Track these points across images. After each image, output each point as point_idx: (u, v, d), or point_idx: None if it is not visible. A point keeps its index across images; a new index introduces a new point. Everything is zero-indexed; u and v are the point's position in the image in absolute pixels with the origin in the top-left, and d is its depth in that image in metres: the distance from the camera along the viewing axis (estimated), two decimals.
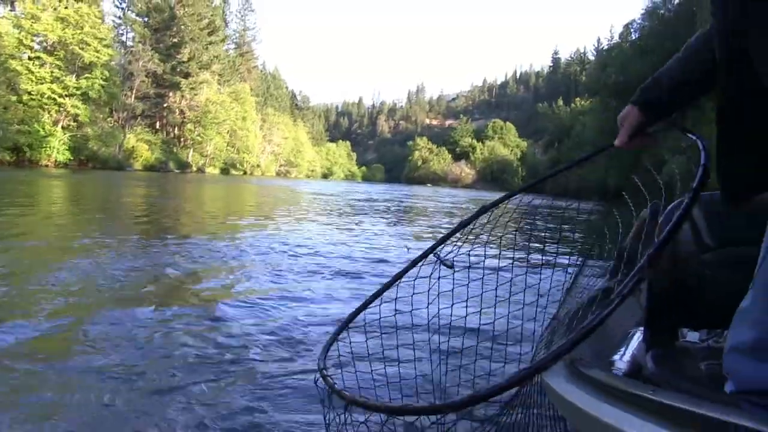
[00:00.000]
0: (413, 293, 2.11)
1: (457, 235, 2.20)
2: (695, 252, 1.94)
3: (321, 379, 1.68)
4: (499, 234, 2.14)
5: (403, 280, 2.19)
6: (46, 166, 42.29)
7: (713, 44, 1.17)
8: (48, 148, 43.60)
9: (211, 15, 77.80)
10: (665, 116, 1.52)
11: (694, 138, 1.41)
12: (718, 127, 1.16)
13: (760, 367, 1.01)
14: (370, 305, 2.17)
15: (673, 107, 1.49)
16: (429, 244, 2.15)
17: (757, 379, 1.01)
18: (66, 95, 45.83)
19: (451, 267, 2.00)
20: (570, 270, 2.69)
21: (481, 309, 1.99)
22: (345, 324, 2.10)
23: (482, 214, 2.16)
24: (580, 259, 2.64)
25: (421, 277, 2.07)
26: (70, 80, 46.31)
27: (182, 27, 71.38)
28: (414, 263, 2.16)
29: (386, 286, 2.18)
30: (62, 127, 45.90)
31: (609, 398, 0.93)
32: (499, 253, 2.11)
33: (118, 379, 2.72)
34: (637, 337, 2.17)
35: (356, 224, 13.14)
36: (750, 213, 1.19)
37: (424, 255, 2.14)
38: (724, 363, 1.13)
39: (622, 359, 1.88)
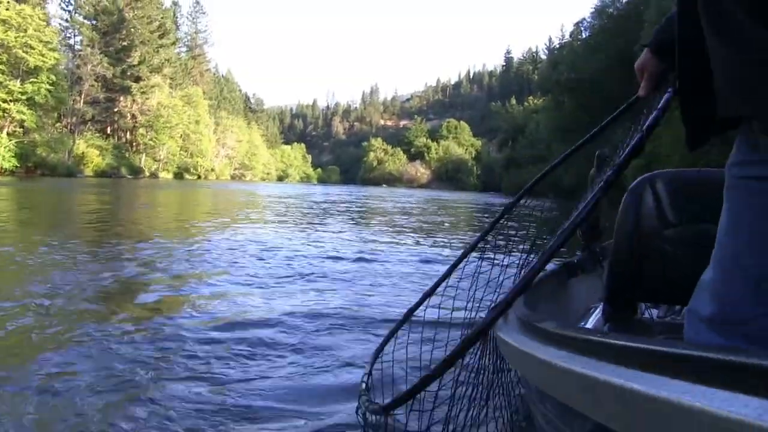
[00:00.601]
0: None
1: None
2: (658, 228, 2.00)
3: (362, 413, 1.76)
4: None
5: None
6: None
7: None
8: None
9: (162, 17, 76.44)
10: None
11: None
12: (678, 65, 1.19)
13: (718, 341, 1.04)
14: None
15: None
16: (397, 239, 2.27)
17: None
18: (10, 100, 44.34)
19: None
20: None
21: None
22: (380, 347, 2.25)
23: (505, 215, 2.22)
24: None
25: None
26: (15, 85, 44.85)
27: (132, 30, 69.91)
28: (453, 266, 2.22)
29: (419, 302, 2.28)
30: (7, 134, 44.44)
31: (559, 344, 0.93)
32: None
33: (66, 390, 2.61)
34: (598, 312, 2.24)
35: (322, 227, 13.20)
36: (711, 190, 1.23)
37: (457, 264, 2.21)
38: (684, 332, 1.16)
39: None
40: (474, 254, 2.26)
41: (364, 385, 2.13)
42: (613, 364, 0.72)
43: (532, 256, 2.03)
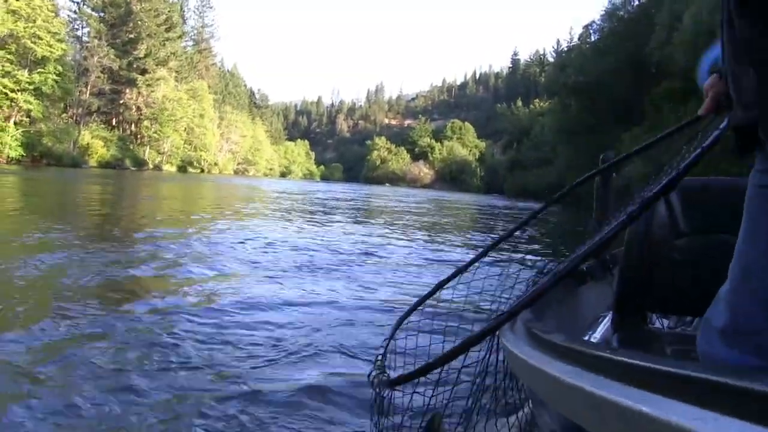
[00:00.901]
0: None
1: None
2: (669, 236, 1.98)
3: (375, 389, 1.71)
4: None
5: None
6: None
7: None
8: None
9: (169, 11, 76.56)
10: None
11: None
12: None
13: (731, 353, 1.03)
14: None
15: None
16: (402, 236, 2.22)
17: (726, 363, 1.03)
18: (18, 90, 44.41)
19: None
20: None
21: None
22: (391, 334, 2.16)
23: (532, 219, 2.23)
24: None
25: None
26: (23, 75, 44.91)
27: (139, 22, 70.01)
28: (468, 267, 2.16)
29: (430, 294, 2.23)
30: (14, 123, 44.56)
31: (566, 358, 0.91)
32: None
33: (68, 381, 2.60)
34: (607, 321, 2.22)
35: (328, 223, 13.36)
36: (723, 199, 1.17)
37: (474, 261, 2.15)
38: (698, 343, 1.15)
39: (590, 341, 1.91)
40: (505, 245, 2.22)
41: (382, 351, 2.07)
42: (622, 383, 0.70)
43: (550, 264, 2.02)
